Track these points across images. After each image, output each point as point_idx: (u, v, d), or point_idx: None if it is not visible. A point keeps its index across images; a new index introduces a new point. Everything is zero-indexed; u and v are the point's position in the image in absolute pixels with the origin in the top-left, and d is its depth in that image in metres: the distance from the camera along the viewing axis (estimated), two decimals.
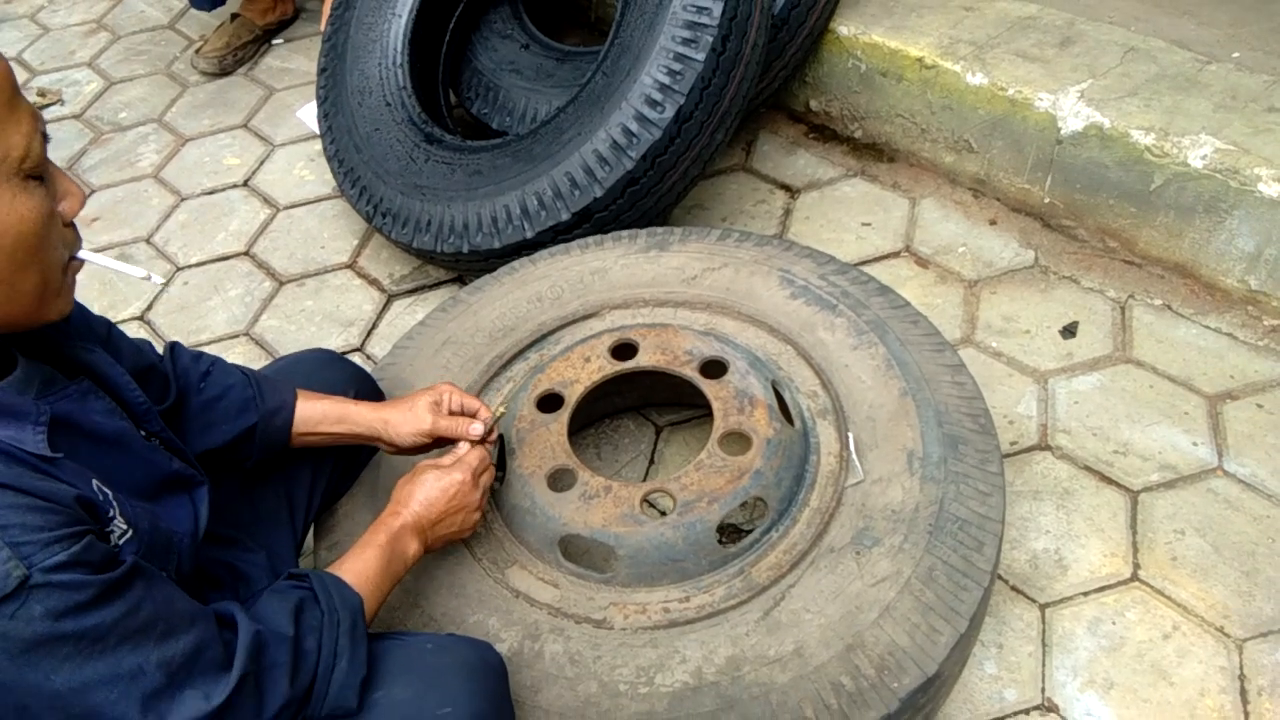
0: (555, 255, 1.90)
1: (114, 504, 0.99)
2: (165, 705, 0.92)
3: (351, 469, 1.58)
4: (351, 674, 1.09)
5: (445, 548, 1.36)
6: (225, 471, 1.38)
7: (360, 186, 2.23)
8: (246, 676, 0.98)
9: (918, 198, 2.34)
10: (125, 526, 1.00)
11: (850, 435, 1.54)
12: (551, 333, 1.79)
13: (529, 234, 1.98)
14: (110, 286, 2.42)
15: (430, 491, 1.31)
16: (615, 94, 1.92)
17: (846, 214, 2.34)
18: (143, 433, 1.12)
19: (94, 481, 0.98)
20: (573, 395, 1.61)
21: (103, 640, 0.88)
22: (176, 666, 0.93)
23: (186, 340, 2.24)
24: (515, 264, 1.91)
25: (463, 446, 1.41)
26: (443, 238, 2.07)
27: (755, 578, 1.41)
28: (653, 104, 1.88)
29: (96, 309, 2.27)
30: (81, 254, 1.01)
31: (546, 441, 1.55)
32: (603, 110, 1.93)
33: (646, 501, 1.47)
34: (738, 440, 1.52)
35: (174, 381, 1.33)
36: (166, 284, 2.41)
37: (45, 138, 0.94)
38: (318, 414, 1.43)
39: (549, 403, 1.61)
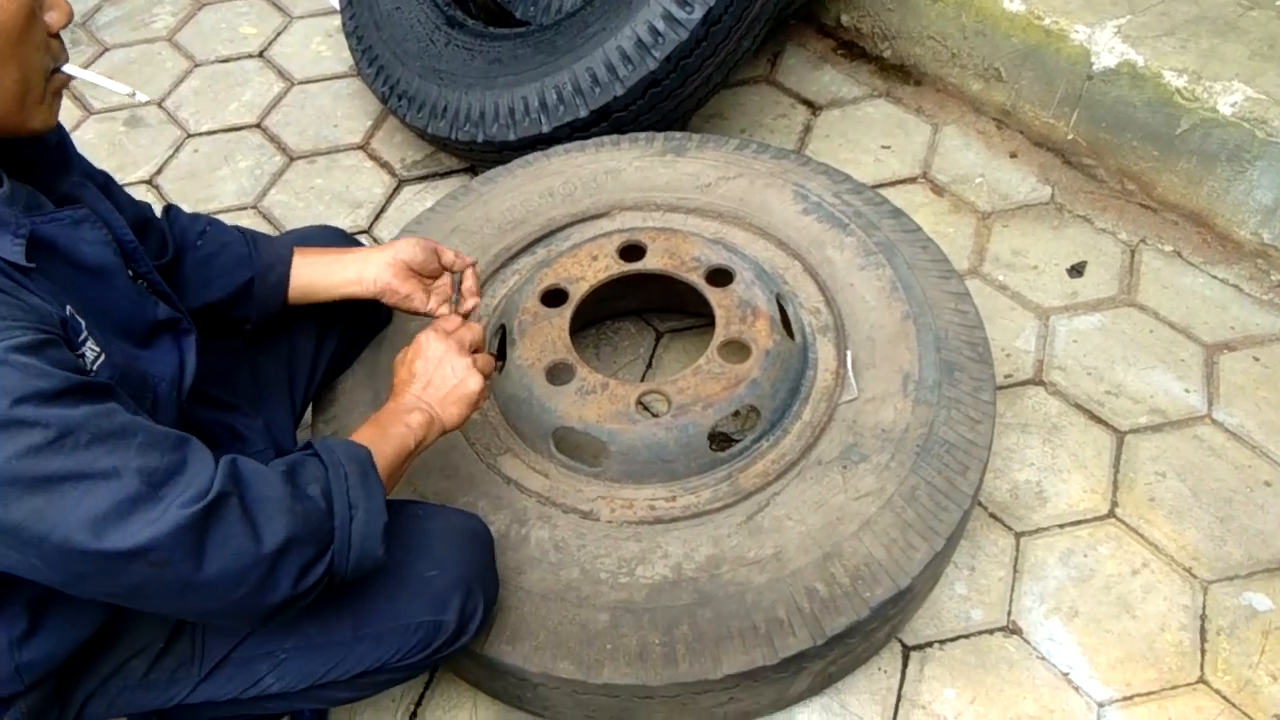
0: (570, 151, 1.89)
1: (85, 330, 0.97)
2: (150, 507, 0.88)
3: (356, 344, 1.59)
4: (372, 521, 1.04)
5: (465, 414, 1.26)
6: (227, 336, 1.40)
7: (377, 66, 2.20)
8: (227, 496, 0.93)
9: (940, 124, 2.31)
10: (98, 350, 0.98)
11: (848, 353, 1.56)
12: (561, 229, 1.79)
13: (545, 128, 1.96)
14: (119, 148, 2.41)
15: (409, 366, 1.27)
16: None
17: (867, 135, 2.31)
18: (129, 271, 1.11)
19: (67, 307, 0.96)
20: (577, 292, 1.62)
21: (73, 434, 0.84)
22: (161, 477, 0.89)
23: (193, 209, 2.23)
24: (529, 157, 1.89)
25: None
26: (458, 125, 2.05)
27: (742, 483, 1.44)
28: (682, 3, 1.84)
29: (106, 170, 2.28)
30: (67, 68, 1.01)
31: (548, 335, 1.56)
32: (630, 6, 1.89)
33: (641, 403, 1.50)
34: (737, 349, 1.53)
35: (170, 239, 1.32)
36: (176, 151, 2.39)
37: None
38: (310, 264, 1.41)
39: (553, 298, 1.62)
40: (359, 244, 1.63)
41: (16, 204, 0.98)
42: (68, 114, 2.49)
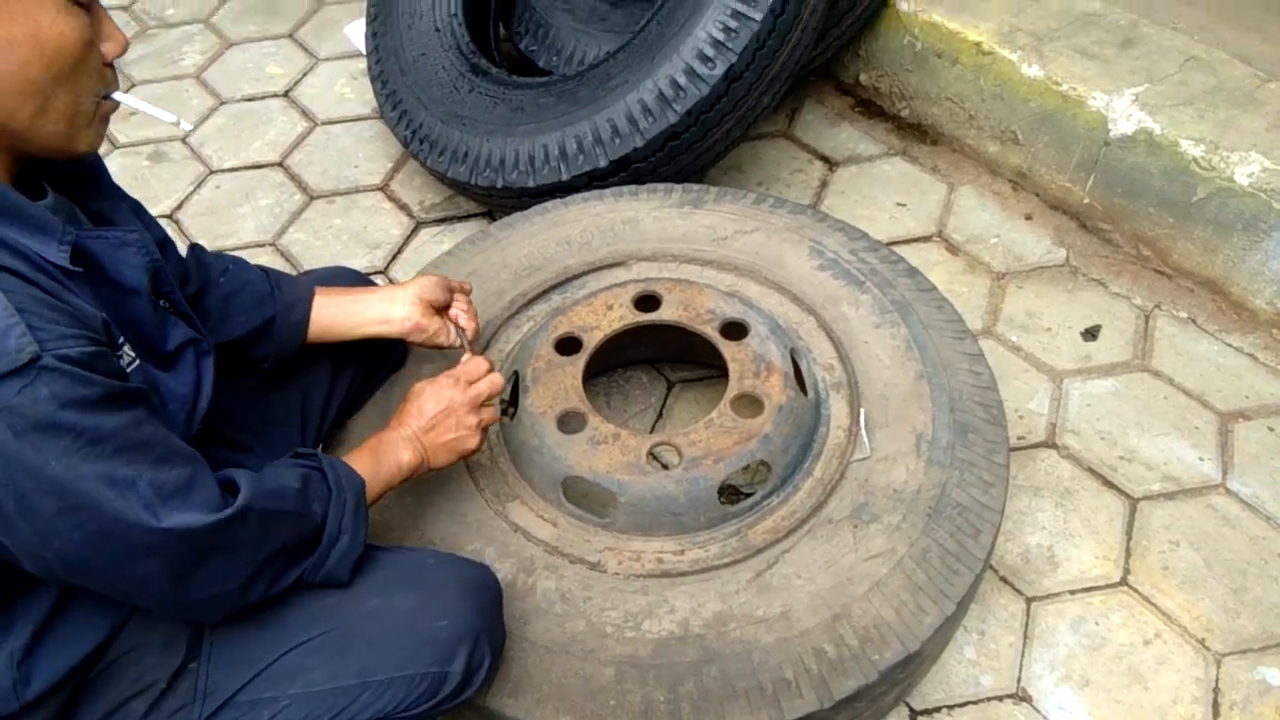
0: (589, 200, 1.90)
1: (122, 336, 1.03)
2: (163, 510, 0.94)
3: (372, 381, 1.59)
4: (351, 550, 1.15)
5: (451, 462, 1.35)
6: (242, 374, 1.40)
7: (401, 110, 2.23)
8: (249, 510, 1.02)
9: (956, 184, 2.33)
10: (133, 356, 1.04)
11: (862, 411, 1.55)
12: (577, 276, 1.79)
13: (564, 176, 1.98)
14: (142, 182, 2.43)
15: (419, 402, 1.33)
16: (668, 45, 1.90)
17: (883, 192, 2.32)
18: (153, 294, 1.13)
19: (102, 316, 1.00)
20: (592, 340, 1.62)
21: (101, 444, 0.91)
22: (169, 491, 0.96)
23: (213, 246, 2.25)
24: (548, 205, 1.91)
25: (464, 358, 1.44)
26: (478, 170, 2.07)
27: (751, 539, 1.43)
28: (704, 59, 1.87)
29: None
30: (116, 95, 1.05)
31: (561, 383, 1.56)
32: (653, 60, 1.92)
33: (652, 454, 1.49)
34: (750, 403, 1.53)
35: (193, 272, 1.35)
36: (198, 187, 2.42)
37: None
38: (333, 303, 1.44)
39: (567, 345, 1.62)
40: (375, 285, 1.64)
41: (59, 215, 1.01)
42: None
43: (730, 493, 1.56)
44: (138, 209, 1.28)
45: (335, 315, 1.44)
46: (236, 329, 1.38)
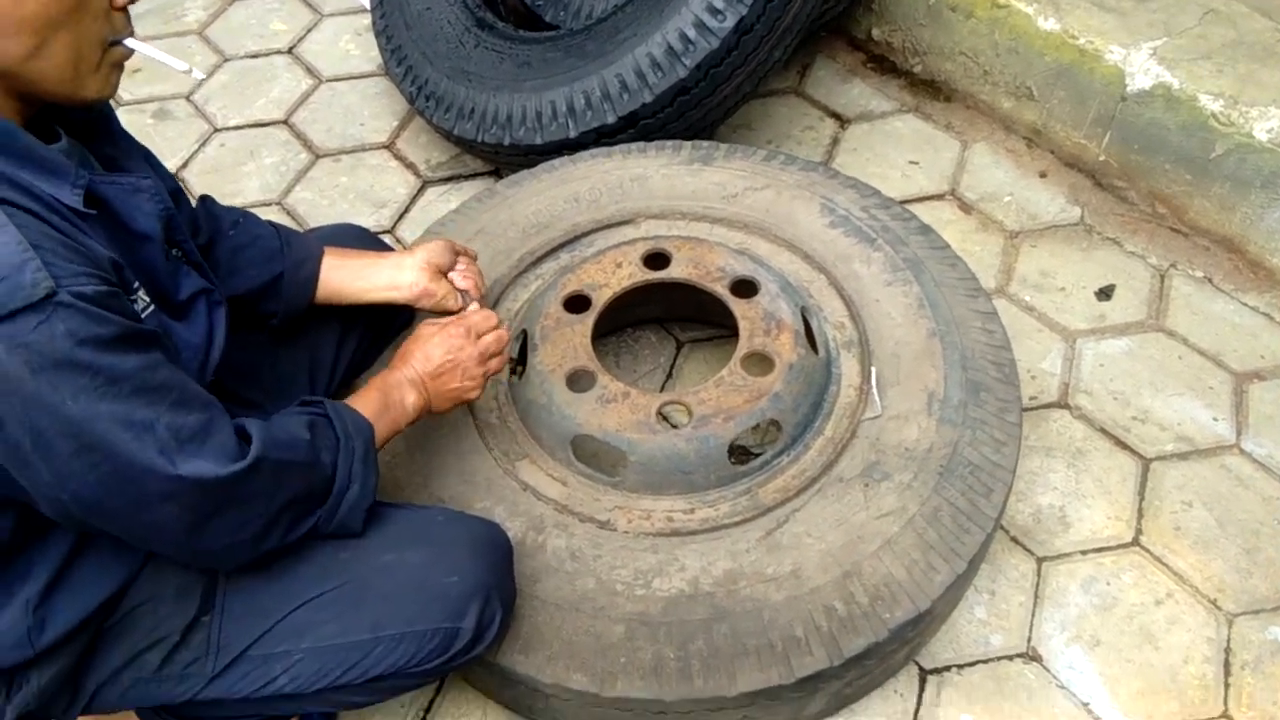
0: (597, 157, 1.88)
1: (136, 281, 1.02)
2: (180, 456, 0.95)
3: (379, 341, 1.58)
4: (362, 498, 1.14)
5: (451, 409, 1.35)
6: (251, 330, 1.39)
7: (406, 66, 2.20)
8: (263, 460, 1.02)
9: (970, 141, 2.29)
10: (148, 300, 1.04)
11: (873, 370, 1.54)
12: (585, 234, 1.77)
13: (572, 133, 1.95)
14: (146, 139, 2.37)
15: (427, 346, 1.31)
16: None
17: (895, 150, 2.29)
18: (165, 243, 1.12)
19: (115, 259, 1.00)
20: (601, 298, 1.61)
21: (118, 384, 0.90)
22: (186, 436, 0.96)
23: None
24: (555, 162, 1.88)
25: (471, 306, 1.43)
26: (485, 127, 2.04)
27: (762, 498, 1.43)
28: (714, 11, 1.83)
29: None
30: (129, 41, 1.03)
31: (570, 342, 1.55)
32: (662, 13, 1.88)
33: (662, 413, 1.48)
34: (760, 362, 1.52)
35: (203, 223, 1.34)
36: (203, 145, 2.39)
37: None
38: (342, 266, 1.42)
39: (576, 304, 1.61)
40: (384, 244, 1.63)
41: (72, 159, 1.01)
42: None
43: (740, 452, 1.56)
44: (149, 157, 1.26)
45: (344, 280, 1.43)
46: (245, 283, 1.37)
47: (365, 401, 1.21)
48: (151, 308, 1.04)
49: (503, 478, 1.46)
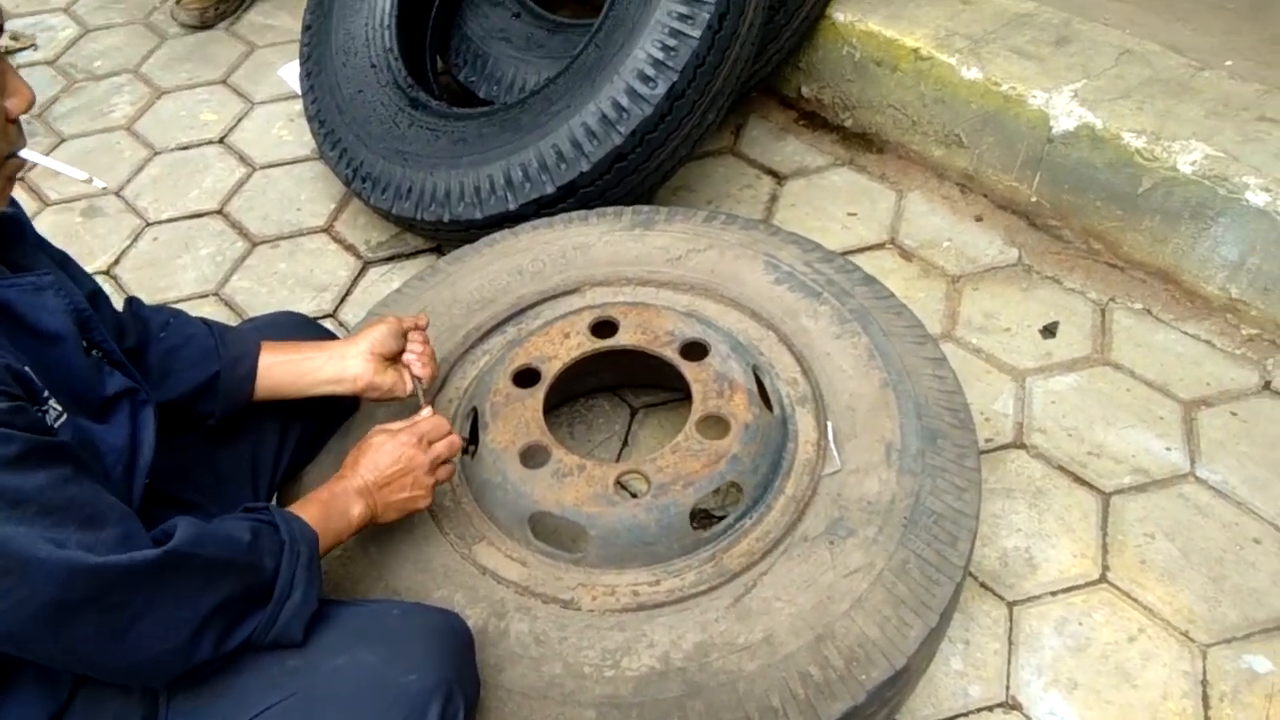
0: (538, 228, 1.87)
1: (47, 389, 0.98)
2: (99, 549, 0.90)
3: (323, 432, 1.54)
4: (304, 607, 1.09)
5: (401, 518, 1.33)
6: (188, 431, 1.35)
7: (341, 149, 2.18)
8: (185, 554, 0.97)
9: (905, 190, 2.33)
10: (59, 410, 0.99)
11: (829, 424, 1.53)
12: (531, 307, 1.75)
13: (512, 206, 1.94)
14: (75, 238, 2.36)
15: (376, 455, 1.28)
16: (608, 67, 1.88)
17: (833, 203, 2.32)
18: (84, 342, 1.10)
19: (26, 367, 0.97)
20: (550, 371, 1.58)
21: (22, 505, 0.87)
22: (102, 550, 0.91)
23: (153, 299, 2.18)
24: (496, 235, 1.87)
25: (424, 411, 1.39)
26: (423, 205, 2.03)
27: (727, 564, 1.40)
28: (645, 79, 1.85)
29: None
30: (24, 153, 1.02)
31: (521, 417, 1.52)
32: (594, 83, 1.89)
33: (620, 483, 1.45)
34: (715, 424, 1.50)
35: (130, 326, 1.30)
36: (135, 240, 2.35)
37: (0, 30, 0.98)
38: (281, 362, 1.39)
39: (525, 378, 1.58)
40: (323, 329, 1.59)
41: None
42: (22, 202, 2.44)
43: (702, 517, 1.53)
44: (64, 260, 1.23)
45: (285, 375, 1.39)
46: (180, 385, 1.32)
47: (307, 509, 1.18)
48: (64, 416, 1.00)
49: (460, 563, 1.42)
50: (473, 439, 1.54)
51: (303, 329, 1.55)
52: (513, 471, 1.46)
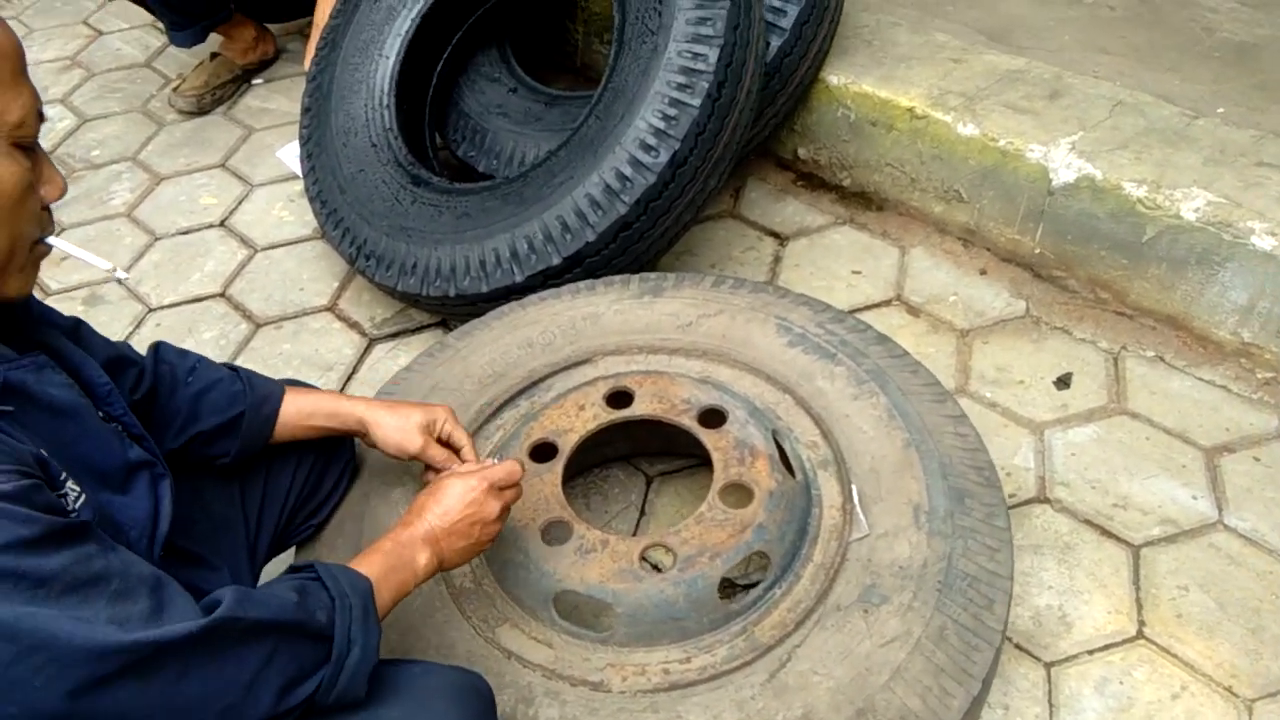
0: (546, 300, 1.86)
1: (64, 471, 0.97)
2: (128, 630, 0.86)
3: (325, 477, 1.53)
4: (364, 662, 1.03)
5: (462, 564, 1.30)
6: (192, 473, 1.35)
7: (344, 228, 2.18)
8: (236, 620, 0.92)
9: (907, 246, 2.34)
10: (78, 490, 0.98)
11: (854, 487, 1.50)
12: (543, 379, 1.74)
13: (518, 278, 1.93)
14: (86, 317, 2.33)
15: (448, 500, 1.25)
16: (609, 138, 1.89)
17: (836, 262, 2.32)
18: (101, 413, 1.10)
19: (41, 450, 0.95)
20: (567, 444, 1.56)
21: (45, 585, 0.83)
22: (137, 622, 0.87)
23: None
24: (504, 308, 1.86)
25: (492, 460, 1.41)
26: (429, 281, 2.02)
27: (759, 637, 1.36)
28: (647, 148, 1.86)
29: None
30: (51, 239, 1.04)
31: (540, 493, 1.49)
32: (596, 154, 1.90)
33: (644, 557, 1.42)
34: (738, 492, 1.47)
35: (149, 374, 1.32)
36: (137, 326, 2.33)
37: (41, 117, 0.99)
38: (308, 405, 1.42)
39: (542, 452, 1.56)
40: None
41: None
42: None
43: (727, 586, 1.49)
44: (77, 328, 1.25)
45: (313, 413, 1.42)
46: (204, 426, 1.35)
47: (369, 563, 1.14)
48: (83, 497, 0.99)
49: (484, 647, 1.38)
50: None
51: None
52: (534, 549, 1.42)
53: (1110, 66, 2.34)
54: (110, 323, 2.35)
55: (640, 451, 1.91)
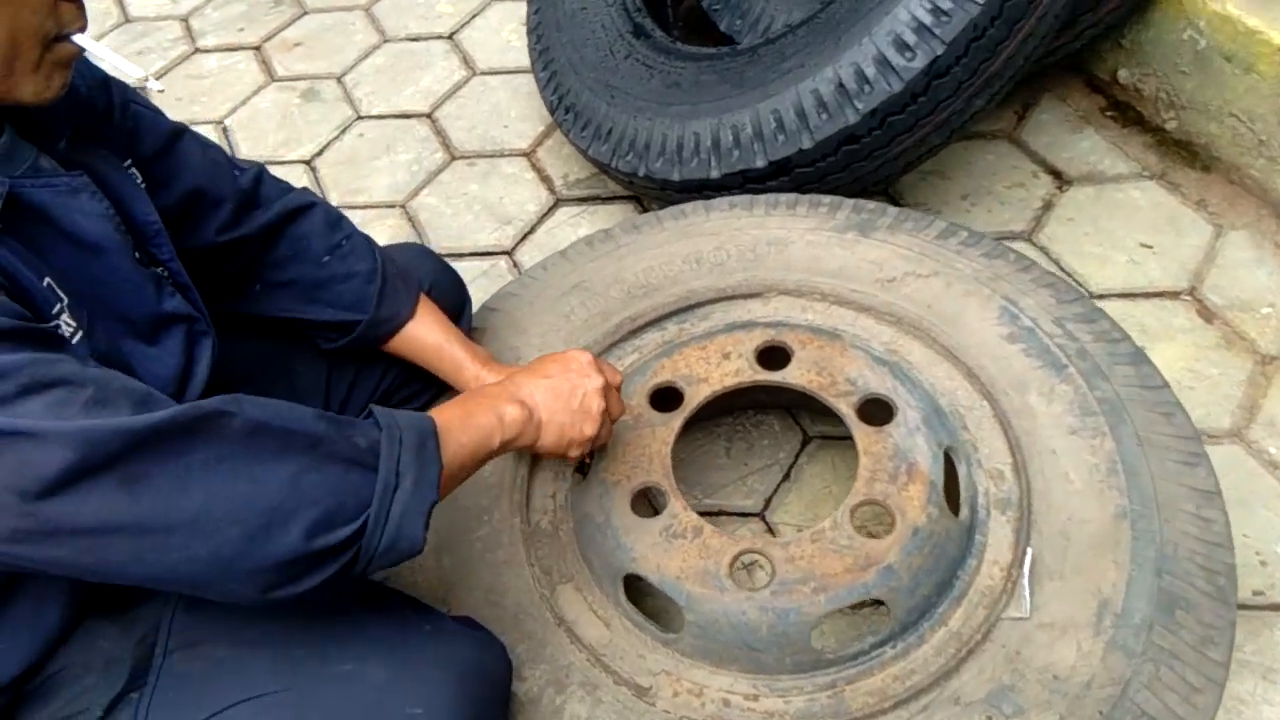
0: (735, 208, 1.56)
1: (63, 301, 0.87)
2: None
3: (407, 383, 1.40)
4: (417, 497, 0.86)
5: (560, 450, 1.13)
6: (274, 338, 1.28)
7: (551, 70, 1.96)
8: (238, 415, 0.79)
9: (1227, 227, 1.81)
10: (74, 325, 0.88)
11: (1029, 551, 1.16)
12: (700, 304, 1.47)
13: (714, 173, 1.64)
14: (289, 122, 2.30)
15: (544, 363, 1.13)
16: (858, 25, 1.51)
17: (1124, 226, 1.84)
18: (137, 255, 0.98)
19: (45, 280, 0.86)
20: (694, 396, 1.31)
21: (3, 379, 0.72)
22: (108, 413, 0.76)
23: (344, 200, 2.09)
24: (686, 207, 1.59)
25: None
26: (620, 153, 1.77)
27: (848, 700, 1.10)
28: (902, 47, 1.47)
29: (270, 144, 2.17)
30: (78, 39, 0.90)
31: (647, 448, 1.27)
32: (839, 42, 1.53)
33: (739, 562, 1.17)
34: (876, 515, 1.18)
35: (263, 225, 1.20)
36: (342, 133, 2.26)
37: None
38: (430, 345, 1.29)
39: (664, 398, 1.32)
40: (450, 269, 1.48)
41: (10, 163, 0.89)
42: (252, 74, 2.43)
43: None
44: (171, 147, 1.12)
45: (423, 350, 1.30)
46: (317, 315, 1.25)
47: (441, 409, 0.99)
48: (80, 334, 0.88)
49: (536, 605, 1.20)
50: (590, 453, 1.31)
51: (424, 259, 1.44)
52: (618, 515, 1.21)
53: None
54: (319, 123, 2.29)
55: (793, 405, 1.63)
